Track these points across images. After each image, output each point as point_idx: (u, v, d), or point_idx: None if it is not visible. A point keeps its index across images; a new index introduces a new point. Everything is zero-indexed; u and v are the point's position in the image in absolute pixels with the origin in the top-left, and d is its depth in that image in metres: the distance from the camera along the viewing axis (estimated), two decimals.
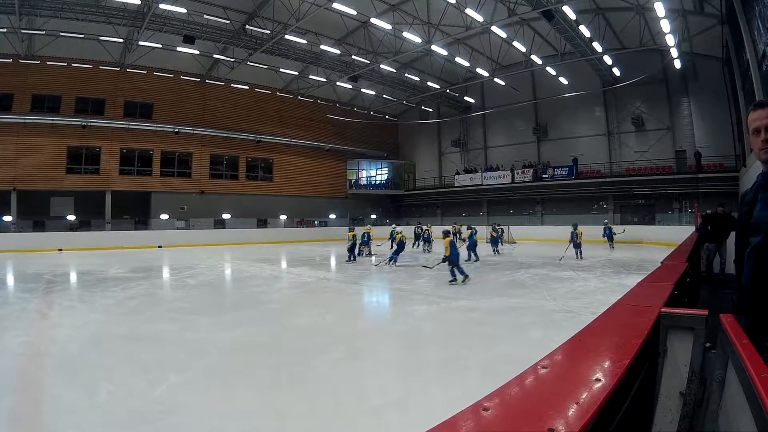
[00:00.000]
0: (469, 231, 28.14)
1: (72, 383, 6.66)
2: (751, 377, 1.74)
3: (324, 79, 48.30)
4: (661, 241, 33.76)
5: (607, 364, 1.81)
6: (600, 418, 1.37)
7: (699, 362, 2.63)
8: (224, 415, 5.61)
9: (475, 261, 25.15)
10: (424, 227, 37.70)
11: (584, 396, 1.44)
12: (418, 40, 37.58)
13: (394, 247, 25.91)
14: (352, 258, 27.32)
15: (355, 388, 6.57)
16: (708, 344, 2.63)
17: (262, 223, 50.34)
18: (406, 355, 8.51)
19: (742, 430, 1.90)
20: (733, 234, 15.47)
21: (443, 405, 5.57)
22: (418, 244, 37.08)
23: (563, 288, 15.43)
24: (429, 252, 33.02)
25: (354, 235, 28.09)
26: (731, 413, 2.20)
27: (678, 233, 27.53)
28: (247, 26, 37.89)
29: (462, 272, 17.15)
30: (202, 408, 5.81)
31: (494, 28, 35.44)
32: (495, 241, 32.57)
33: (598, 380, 1.58)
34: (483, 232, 38.40)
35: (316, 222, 55.13)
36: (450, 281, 16.88)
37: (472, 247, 26.13)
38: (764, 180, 2.86)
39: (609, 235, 32.56)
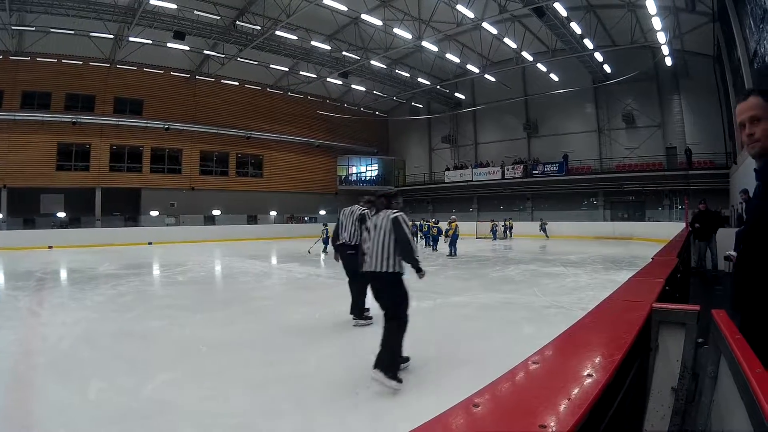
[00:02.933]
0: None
1: (62, 381, 6.61)
2: (745, 372, 1.73)
3: (314, 75, 48.42)
4: (652, 237, 33.88)
5: (598, 359, 1.79)
6: (592, 414, 1.35)
7: (691, 358, 2.62)
8: (215, 412, 5.58)
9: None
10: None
11: (576, 392, 1.42)
12: (408, 36, 37.63)
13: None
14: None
15: (346, 385, 6.55)
16: (700, 340, 2.62)
17: (252, 220, 50.44)
18: None
19: (735, 426, 1.89)
20: (720, 230, 15.62)
21: (435, 400, 5.56)
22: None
23: (554, 284, 15.45)
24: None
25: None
26: (724, 408, 2.19)
27: (668, 229, 27.64)
28: (237, 22, 37.91)
29: None
30: (192, 405, 5.78)
31: (485, 25, 35.60)
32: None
33: (589, 376, 1.57)
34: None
35: (306, 218, 55.14)
36: None
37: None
38: (757, 176, 2.83)
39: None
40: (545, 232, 42.35)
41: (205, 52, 43.14)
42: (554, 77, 45.65)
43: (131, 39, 37.64)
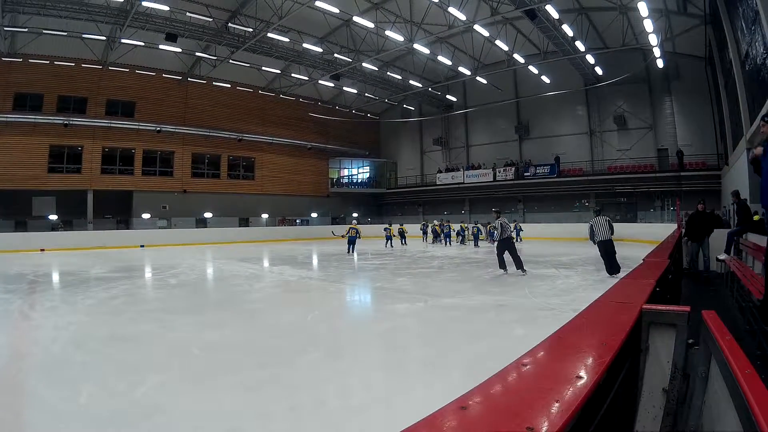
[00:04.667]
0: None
1: (54, 385, 6.57)
2: (735, 373, 1.73)
3: (306, 78, 48.38)
4: (643, 238, 33.91)
5: (588, 361, 1.79)
6: (581, 415, 1.35)
7: (682, 358, 2.62)
8: (206, 415, 5.56)
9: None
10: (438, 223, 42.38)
11: (565, 393, 1.42)
12: (400, 38, 37.60)
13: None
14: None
15: (337, 387, 6.54)
16: (690, 341, 2.63)
17: (244, 222, 50.40)
18: (388, 354, 8.49)
19: (726, 426, 1.89)
20: (716, 231, 15.69)
21: (426, 402, 5.53)
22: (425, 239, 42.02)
23: (545, 285, 15.44)
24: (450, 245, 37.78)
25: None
26: (715, 409, 2.19)
27: (660, 231, 27.72)
28: (229, 24, 37.77)
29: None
30: (184, 408, 5.76)
31: (477, 27, 35.56)
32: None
33: (579, 377, 1.57)
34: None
35: (297, 221, 55.13)
36: None
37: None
38: None
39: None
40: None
41: (197, 54, 42.96)
42: (546, 79, 45.70)
43: (123, 41, 37.46)
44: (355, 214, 58.30)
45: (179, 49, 40.48)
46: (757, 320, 6.91)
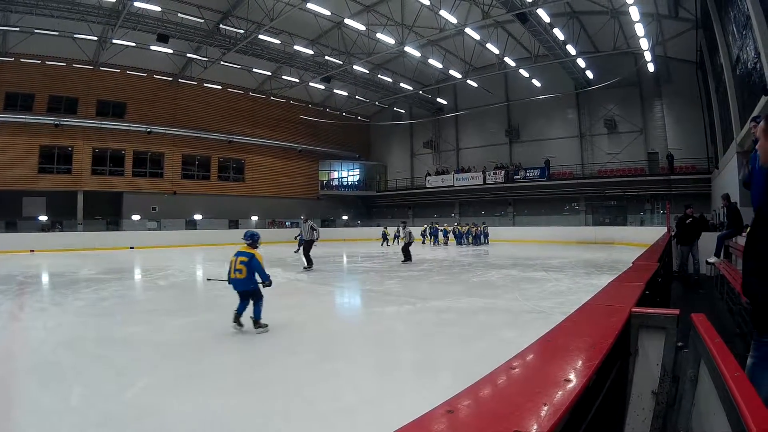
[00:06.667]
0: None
1: (44, 386, 6.54)
2: (724, 376, 1.73)
3: (297, 80, 48.34)
4: (633, 241, 34.01)
5: (577, 363, 1.79)
6: (570, 418, 1.34)
7: (671, 361, 2.62)
8: (197, 417, 5.54)
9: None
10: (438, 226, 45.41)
11: (554, 396, 1.41)
12: (391, 41, 37.65)
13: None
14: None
15: (327, 389, 6.52)
16: (680, 343, 2.63)
17: (234, 224, 50.08)
18: (378, 356, 8.48)
19: (716, 429, 1.89)
20: (704, 234, 15.71)
21: (416, 404, 5.51)
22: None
23: (535, 288, 15.46)
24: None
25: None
26: (704, 411, 2.19)
27: (650, 234, 27.77)
28: (221, 25, 37.77)
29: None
30: (174, 410, 5.73)
31: (468, 30, 35.60)
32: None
33: (568, 380, 1.56)
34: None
35: (287, 223, 54.98)
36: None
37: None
38: None
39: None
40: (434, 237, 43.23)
41: (188, 55, 42.93)
42: (536, 83, 45.87)
43: (115, 41, 37.40)
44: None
45: (170, 50, 40.40)
46: (746, 322, 6.93)
